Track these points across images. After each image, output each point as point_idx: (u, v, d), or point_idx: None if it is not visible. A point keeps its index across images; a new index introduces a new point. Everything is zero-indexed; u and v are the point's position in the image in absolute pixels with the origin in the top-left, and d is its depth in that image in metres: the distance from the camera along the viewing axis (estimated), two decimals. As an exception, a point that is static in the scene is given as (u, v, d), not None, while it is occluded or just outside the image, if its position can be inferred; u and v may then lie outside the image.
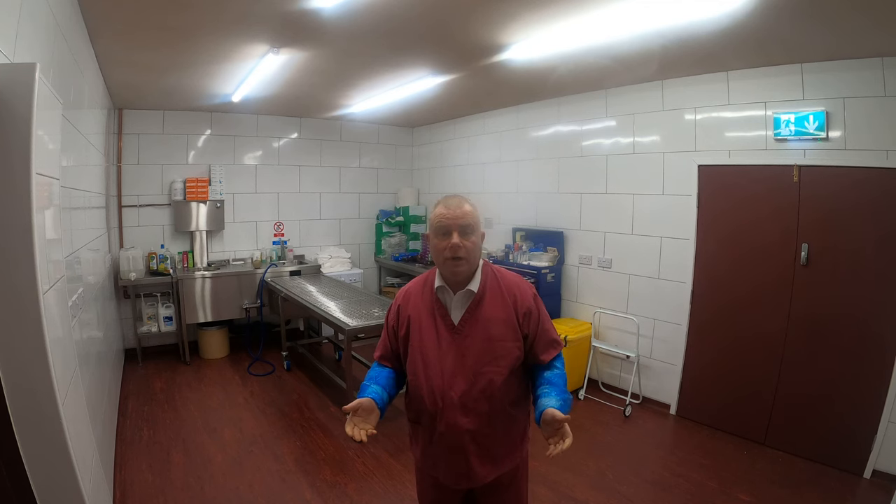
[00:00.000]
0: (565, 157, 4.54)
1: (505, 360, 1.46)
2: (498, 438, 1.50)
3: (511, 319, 1.47)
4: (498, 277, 1.53)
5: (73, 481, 1.40)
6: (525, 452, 1.61)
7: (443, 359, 1.47)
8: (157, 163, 5.04)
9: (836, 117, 2.93)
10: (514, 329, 1.47)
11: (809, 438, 3.08)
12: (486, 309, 1.48)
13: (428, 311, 1.52)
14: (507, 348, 1.46)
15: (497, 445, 1.51)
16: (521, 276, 1.64)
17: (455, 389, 1.44)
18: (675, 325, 3.73)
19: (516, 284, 1.53)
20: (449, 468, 1.52)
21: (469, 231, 1.45)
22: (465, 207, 1.47)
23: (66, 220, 1.97)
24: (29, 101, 1.23)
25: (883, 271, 2.80)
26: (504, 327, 1.47)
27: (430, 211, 6.47)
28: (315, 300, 4.12)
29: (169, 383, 4.29)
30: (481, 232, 1.51)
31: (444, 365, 1.46)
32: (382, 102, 4.69)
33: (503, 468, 1.53)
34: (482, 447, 1.48)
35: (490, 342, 1.45)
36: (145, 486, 2.75)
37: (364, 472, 2.96)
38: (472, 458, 1.48)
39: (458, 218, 1.44)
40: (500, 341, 1.46)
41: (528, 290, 1.54)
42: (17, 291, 1.24)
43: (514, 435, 1.54)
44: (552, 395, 1.40)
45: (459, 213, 1.44)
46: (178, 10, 2.44)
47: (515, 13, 2.44)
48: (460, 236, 1.43)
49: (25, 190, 1.22)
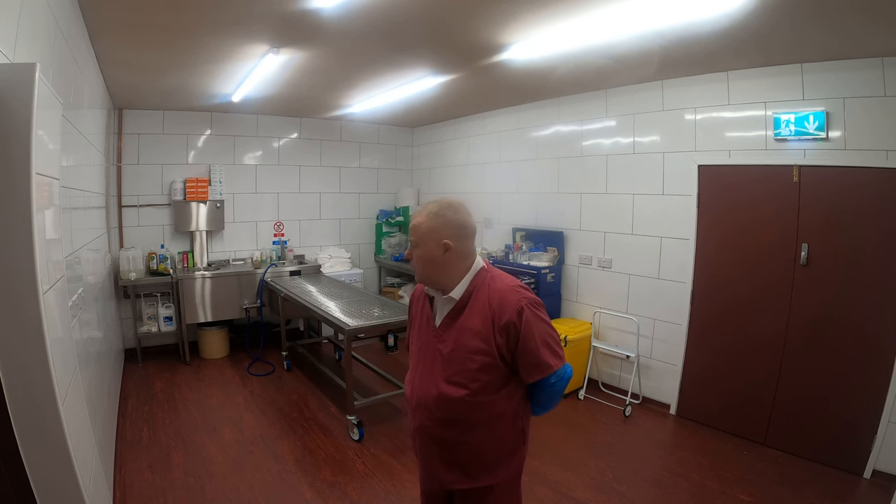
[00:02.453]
0: (565, 157, 4.54)
1: (473, 374, 1.40)
2: (469, 449, 1.46)
3: (486, 332, 1.39)
4: (489, 286, 1.44)
5: (73, 481, 1.40)
6: (512, 471, 1.51)
7: (422, 359, 1.53)
8: (157, 163, 5.04)
9: (836, 117, 2.93)
10: (487, 342, 1.39)
11: (809, 438, 3.08)
12: (465, 318, 1.44)
13: (422, 311, 1.58)
14: (476, 361, 1.39)
15: (468, 456, 1.46)
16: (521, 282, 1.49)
17: (427, 391, 1.48)
18: (675, 325, 3.73)
19: (503, 296, 1.40)
20: (421, 465, 1.59)
21: (414, 244, 1.48)
22: (416, 219, 1.47)
23: (66, 220, 1.97)
24: (29, 101, 1.23)
25: (883, 271, 2.80)
26: (477, 339, 1.40)
27: (430, 211, 6.46)
28: (315, 300, 4.12)
29: (169, 383, 4.29)
30: (441, 242, 1.42)
31: (423, 365, 1.52)
32: (382, 102, 4.69)
33: (478, 481, 1.47)
34: (449, 453, 1.48)
35: (461, 352, 1.42)
36: (145, 486, 2.75)
37: (364, 472, 2.96)
38: (436, 462, 1.51)
39: (411, 230, 1.49)
40: (469, 353, 1.41)
41: (513, 304, 1.38)
42: (17, 291, 1.24)
43: (494, 450, 1.46)
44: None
45: (412, 225, 1.48)
46: (178, 10, 2.44)
47: (515, 13, 2.44)
48: (410, 248, 1.50)
49: (25, 190, 1.22)
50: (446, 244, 1.43)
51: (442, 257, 1.43)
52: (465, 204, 1.51)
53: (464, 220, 1.47)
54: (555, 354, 1.40)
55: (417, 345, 1.57)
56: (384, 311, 3.71)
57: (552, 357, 1.39)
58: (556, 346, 1.42)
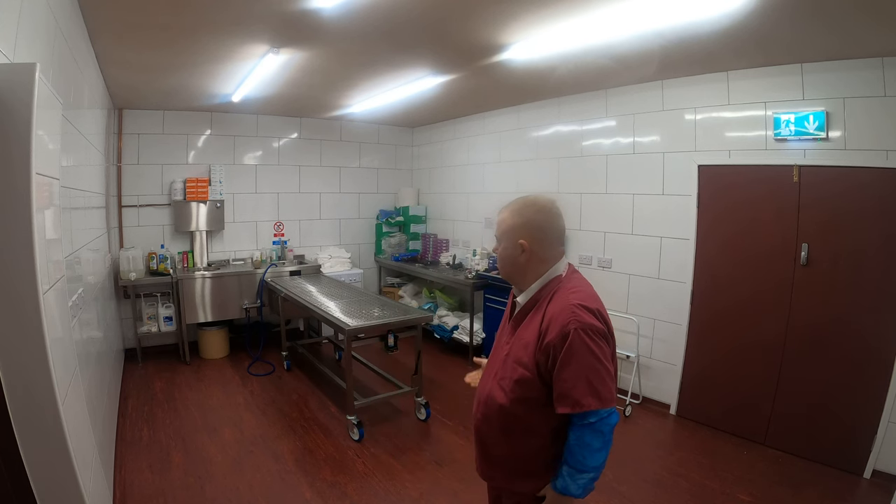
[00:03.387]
0: (565, 157, 4.54)
1: (512, 384, 1.36)
2: (500, 449, 1.44)
3: (532, 346, 1.32)
4: (555, 297, 1.35)
5: (73, 481, 1.40)
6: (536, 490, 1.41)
7: (493, 354, 1.56)
8: (157, 163, 5.04)
9: (836, 117, 2.93)
10: (529, 357, 1.33)
11: (809, 438, 3.08)
12: (525, 326, 1.40)
13: (508, 308, 1.59)
14: (518, 372, 1.35)
15: (499, 454, 1.45)
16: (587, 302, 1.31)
17: (483, 387, 1.51)
18: (675, 325, 3.73)
19: (557, 313, 1.29)
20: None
21: (497, 239, 1.47)
22: (501, 214, 1.45)
23: (66, 220, 1.97)
24: (29, 101, 1.23)
25: (883, 271, 2.80)
26: (524, 351, 1.35)
27: (430, 211, 6.48)
28: (315, 300, 4.12)
29: (169, 383, 4.29)
30: (517, 241, 1.38)
31: (491, 361, 1.55)
32: (382, 102, 4.69)
33: (502, 482, 1.47)
34: (485, 446, 1.50)
35: (510, 359, 1.40)
36: (145, 486, 2.75)
37: (364, 472, 2.96)
38: (480, 454, 1.53)
39: (496, 226, 1.49)
40: (515, 363, 1.37)
41: (562, 324, 1.26)
42: (17, 291, 1.24)
43: (526, 462, 1.40)
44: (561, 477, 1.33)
45: (497, 220, 1.48)
46: (178, 10, 2.44)
47: (515, 13, 2.44)
48: (496, 243, 1.49)
49: (25, 190, 1.22)
50: (522, 245, 1.38)
51: (520, 257, 1.40)
52: (555, 203, 1.42)
53: (544, 222, 1.39)
54: (593, 392, 1.23)
55: (497, 340, 1.58)
56: (384, 311, 3.71)
57: (588, 395, 1.23)
58: (599, 384, 1.24)
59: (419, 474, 2.94)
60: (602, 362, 1.26)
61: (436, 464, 3.06)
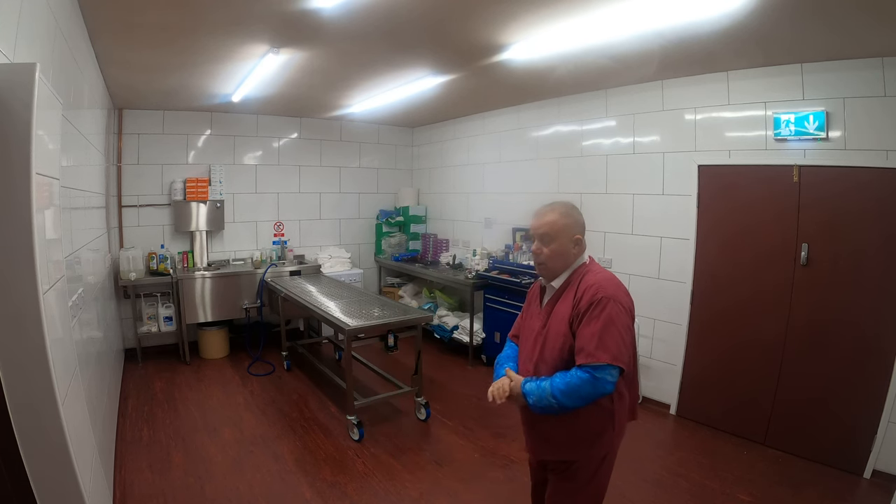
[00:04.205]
0: (565, 157, 4.54)
1: (558, 354, 1.57)
2: (553, 424, 1.59)
3: (567, 316, 1.56)
4: (584, 277, 1.60)
5: (73, 481, 1.40)
6: (596, 451, 1.60)
7: (527, 340, 1.73)
8: (157, 163, 5.04)
9: (836, 117, 2.93)
10: (567, 324, 1.56)
11: (809, 438, 3.08)
12: (559, 305, 1.62)
13: (534, 300, 1.80)
14: (560, 342, 1.57)
15: (552, 429, 1.62)
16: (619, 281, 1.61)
17: (525, 367, 1.68)
18: (675, 325, 3.73)
19: (590, 286, 1.54)
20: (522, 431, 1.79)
21: (547, 239, 1.63)
22: (548, 217, 1.63)
23: (66, 220, 1.97)
24: (29, 101, 1.23)
25: (883, 271, 2.80)
26: (561, 323, 1.58)
27: (429, 211, 6.48)
28: (315, 300, 4.12)
29: (169, 383, 4.29)
30: (575, 237, 1.62)
31: (527, 346, 1.73)
32: (382, 102, 4.69)
33: (559, 454, 1.64)
34: (534, 424, 1.68)
35: (550, 334, 1.61)
36: (145, 486, 2.75)
37: (364, 472, 2.96)
38: (529, 432, 1.74)
39: (537, 228, 1.65)
40: (555, 335, 1.59)
41: (594, 292, 1.51)
42: (17, 291, 1.24)
43: (574, 427, 1.58)
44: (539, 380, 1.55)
45: (539, 222, 1.65)
46: (177, 10, 2.44)
47: (515, 13, 2.44)
48: (540, 243, 1.65)
49: (25, 190, 1.22)
50: (577, 239, 1.64)
51: (573, 250, 1.64)
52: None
53: (582, 220, 1.67)
54: (603, 347, 1.44)
55: (526, 329, 1.78)
56: (384, 311, 3.71)
57: (601, 349, 1.44)
58: (612, 342, 1.45)
59: (419, 474, 2.94)
60: (619, 327, 1.48)
61: (436, 464, 3.06)
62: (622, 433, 1.65)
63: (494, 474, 2.95)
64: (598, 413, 1.55)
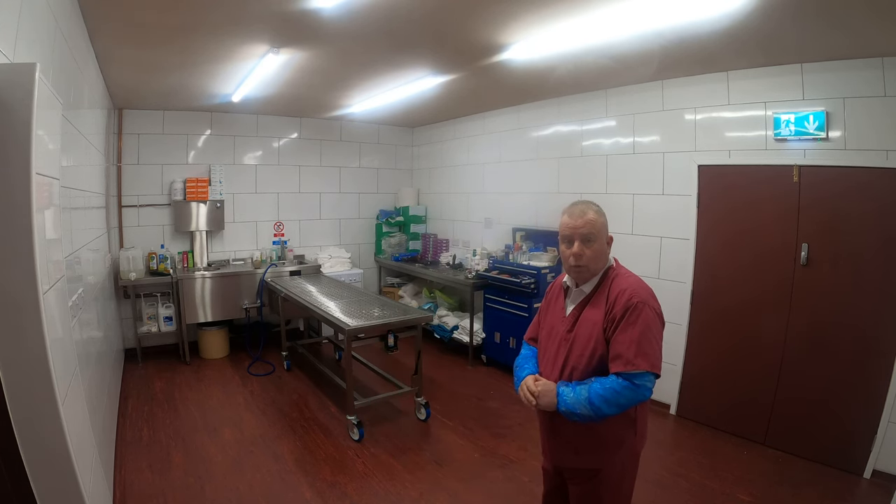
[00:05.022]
0: (565, 157, 4.54)
1: (587, 359, 1.51)
2: (576, 430, 1.54)
3: (600, 321, 1.51)
4: (614, 281, 1.56)
5: (73, 481, 1.40)
6: (619, 459, 1.58)
7: (551, 343, 1.65)
8: (157, 163, 5.04)
9: (836, 117, 2.93)
10: (600, 330, 1.50)
11: (809, 438, 3.08)
12: (589, 309, 1.56)
13: (556, 301, 1.71)
14: (590, 348, 1.51)
15: (575, 436, 1.57)
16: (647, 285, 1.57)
17: (551, 371, 1.61)
18: (676, 325, 3.73)
19: (623, 290, 1.50)
20: (541, 438, 1.75)
21: (591, 239, 1.54)
22: (588, 216, 1.55)
23: (66, 220, 1.97)
24: (29, 101, 1.23)
25: (883, 271, 2.80)
26: (593, 328, 1.52)
27: (429, 211, 6.48)
28: (315, 300, 4.12)
29: (169, 383, 4.29)
30: (608, 237, 1.59)
31: (549, 349, 1.65)
32: (382, 102, 4.69)
33: (584, 462, 1.59)
34: (555, 429, 1.62)
35: (580, 339, 1.55)
36: (145, 486, 2.75)
37: (364, 472, 2.96)
38: (550, 438, 1.68)
39: (578, 227, 1.54)
40: (586, 340, 1.53)
41: (628, 297, 1.47)
42: (17, 291, 1.24)
43: (598, 434, 1.54)
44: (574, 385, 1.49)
45: (581, 222, 1.54)
46: (177, 10, 2.44)
47: (515, 13, 2.44)
48: (581, 244, 1.54)
49: (25, 190, 1.22)
50: (611, 238, 1.62)
51: (607, 251, 1.60)
52: None
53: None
54: (643, 355, 1.41)
55: (547, 330, 1.70)
56: (384, 311, 3.71)
57: (640, 356, 1.41)
58: (650, 349, 1.43)
59: (419, 474, 2.94)
60: (654, 333, 1.46)
61: (436, 464, 3.06)
62: (644, 439, 1.63)
63: (494, 474, 2.95)
64: (622, 419, 1.52)
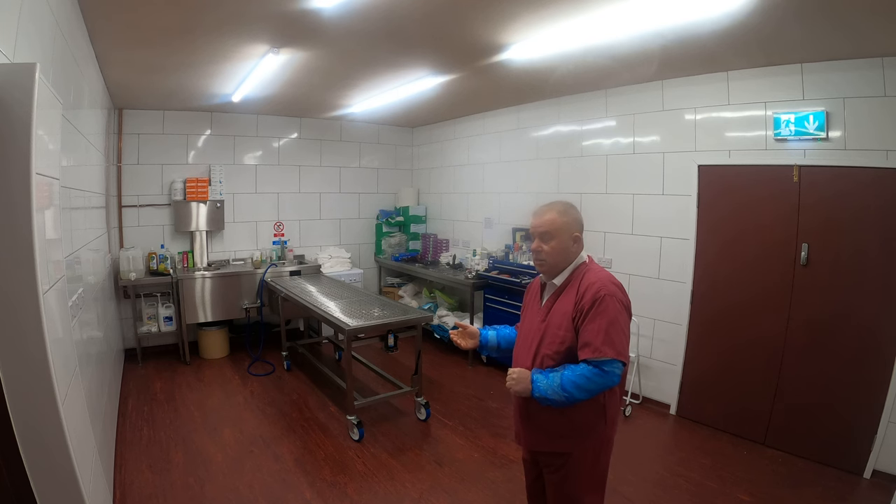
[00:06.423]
0: (565, 157, 4.54)
1: (556, 346, 1.63)
2: (549, 416, 1.65)
3: (570, 312, 1.62)
4: (585, 275, 1.66)
5: (73, 481, 1.40)
6: (590, 444, 1.67)
7: (527, 333, 1.78)
8: (157, 163, 5.04)
9: (836, 117, 2.93)
10: (569, 320, 1.61)
11: (809, 438, 3.08)
12: (561, 301, 1.68)
13: (535, 294, 1.85)
14: (560, 337, 1.63)
15: (547, 421, 1.67)
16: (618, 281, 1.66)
17: (525, 359, 1.73)
18: (676, 325, 3.73)
19: (591, 283, 1.60)
20: (514, 425, 1.85)
21: (550, 236, 1.67)
22: (548, 216, 1.68)
23: (66, 220, 1.97)
24: (29, 101, 1.23)
25: (883, 271, 2.80)
26: (563, 318, 1.63)
27: (429, 211, 6.48)
28: (315, 300, 4.12)
29: (169, 383, 4.29)
30: (574, 235, 1.68)
31: (525, 338, 1.78)
32: (382, 102, 4.69)
33: (554, 445, 1.69)
34: (529, 415, 1.72)
35: (551, 328, 1.66)
36: (145, 486, 2.75)
37: (364, 472, 2.96)
38: (523, 423, 1.77)
39: (538, 226, 1.70)
40: (557, 330, 1.64)
41: (596, 290, 1.57)
42: (17, 291, 1.23)
43: (569, 419, 1.64)
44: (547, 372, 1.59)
45: (539, 221, 1.70)
46: (177, 10, 2.44)
47: (515, 13, 2.44)
48: (540, 241, 1.70)
49: (25, 190, 1.22)
50: (576, 237, 1.70)
51: (572, 247, 1.69)
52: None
53: (581, 219, 1.73)
54: (610, 343, 1.51)
55: (525, 324, 1.84)
56: (384, 311, 3.71)
57: (607, 345, 1.51)
58: (617, 339, 1.53)
59: (419, 474, 2.94)
60: (620, 324, 1.56)
61: (436, 464, 3.06)
62: (615, 425, 1.73)
63: (494, 474, 2.95)
64: (592, 406, 1.62)
